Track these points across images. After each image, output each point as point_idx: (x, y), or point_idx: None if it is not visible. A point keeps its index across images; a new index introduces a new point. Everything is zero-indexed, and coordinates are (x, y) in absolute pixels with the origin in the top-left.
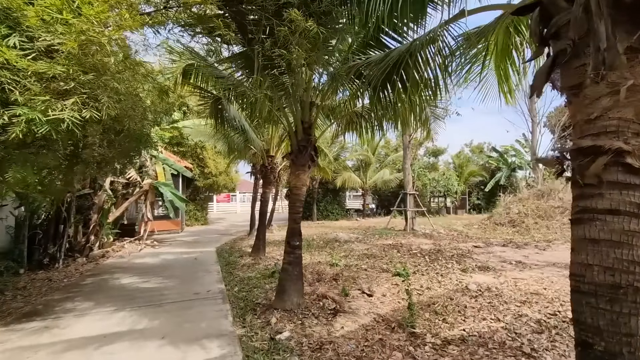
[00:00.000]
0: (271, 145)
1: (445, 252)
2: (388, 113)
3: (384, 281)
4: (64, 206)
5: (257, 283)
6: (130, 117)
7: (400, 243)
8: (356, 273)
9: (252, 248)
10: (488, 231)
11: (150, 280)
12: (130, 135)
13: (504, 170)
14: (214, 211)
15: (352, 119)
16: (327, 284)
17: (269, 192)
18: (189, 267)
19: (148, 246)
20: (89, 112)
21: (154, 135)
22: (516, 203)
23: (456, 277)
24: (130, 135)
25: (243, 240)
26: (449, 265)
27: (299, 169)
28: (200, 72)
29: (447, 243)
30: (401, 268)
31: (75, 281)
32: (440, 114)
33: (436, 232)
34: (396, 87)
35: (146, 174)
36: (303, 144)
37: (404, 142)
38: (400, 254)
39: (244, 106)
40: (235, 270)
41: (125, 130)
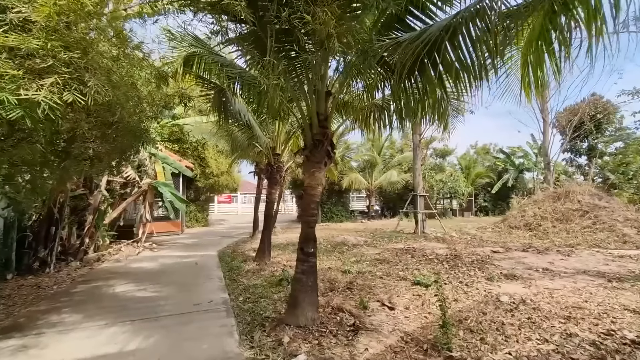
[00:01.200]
0: (277, 143)
1: (464, 258)
2: (411, 105)
3: (403, 291)
4: (57, 207)
5: (264, 292)
6: (124, 107)
7: (412, 247)
8: (371, 281)
9: (257, 252)
10: (503, 235)
11: (147, 288)
12: (125, 128)
13: (511, 171)
14: (215, 212)
15: (369, 112)
16: (341, 293)
17: (275, 192)
18: (189, 273)
19: (146, 249)
20: (71, 96)
21: (153, 131)
22: (531, 205)
23: (483, 287)
24: (124, 128)
25: (246, 243)
26: (471, 272)
27: (314, 166)
28: (203, 61)
29: (463, 247)
30: (420, 276)
31: (65, 288)
32: (460, 108)
33: (448, 235)
34: (425, 74)
35: (145, 173)
36: (318, 138)
37: (414, 141)
38: (415, 259)
39: (250, 97)
40: (239, 276)
41: (119, 122)
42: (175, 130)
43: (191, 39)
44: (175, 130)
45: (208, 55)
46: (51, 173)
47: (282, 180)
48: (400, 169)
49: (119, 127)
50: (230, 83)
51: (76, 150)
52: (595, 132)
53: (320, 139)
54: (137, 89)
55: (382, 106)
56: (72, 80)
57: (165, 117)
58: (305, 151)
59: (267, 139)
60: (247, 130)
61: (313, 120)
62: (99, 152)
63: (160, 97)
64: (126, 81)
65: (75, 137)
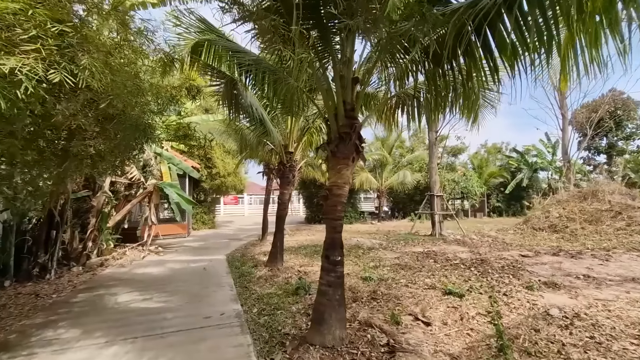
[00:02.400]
0: (290, 141)
1: (492, 263)
2: (448, 92)
3: (435, 302)
4: (58, 209)
5: (280, 303)
6: (124, 98)
7: (432, 251)
8: (397, 290)
9: (268, 257)
10: (527, 237)
11: (152, 297)
12: (127, 123)
13: (525, 171)
14: (222, 214)
15: (397, 103)
16: (365, 304)
17: (287, 193)
18: (197, 280)
19: (152, 253)
20: (58, 75)
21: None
22: (555, 206)
23: (524, 297)
24: (126, 123)
25: (255, 247)
26: (505, 280)
27: (340, 162)
28: (212, 47)
29: (487, 251)
30: (450, 284)
31: (65, 297)
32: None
33: (468, 237)
34: (471, 53)
35: (150, 174)
36: (345, 131)
37: (430, 138)
38: (439, 264)
39: (265, 87)
40: (250, 284)
41: (120, 116)
42: (182, 126)
43: (199, 25)
44: (182, 126)
45: (218, 41)
46: (50, 173)
47: (294, 179)
48: (412, 169)
49: (121, 122)
50: (242, 71)
51: (75, 148)
52: (615, 129)
53: (348, 131)
54: (139, 78)
55: (414, 95)
56: (62, 57)
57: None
58: (331, 145)
59: (279, 136)
60: (259, 126)
61: (339, 110)
62: (99, 149)
63: (166, 89)
64: (127, 69)
65: (74, 133)
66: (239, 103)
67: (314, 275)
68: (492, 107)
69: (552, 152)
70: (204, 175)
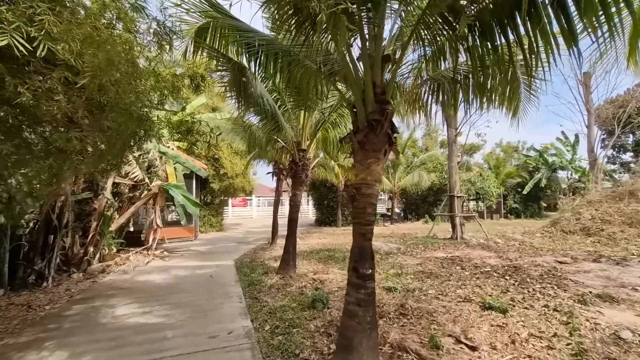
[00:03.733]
0: (302, 137)
1: (527, 270)
2: (496, 74)
3: (475, 319)
4: (55, 212)
5: (296, 318)
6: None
7: (456, 256)
8: (427, 303)
9: (280, 263)
10: (557, 241)
11: (153, 311)
12: (121, 113)
13: (543, 170)
14: (229, 216)
15: (431, 88)
16: (395, 322)
17: (300, 193)
18: (203, 289)
19: (157, 258)
20: (6, 39)
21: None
22: (586, 207)
23: (581, 314)
24: (120, 113)
25: (265, 251)
26: (549, 291)
27: (369, 156)
28: (219, 29)
29: (517, 256)
30: (488, 297)
31: (58, 310)
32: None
33: (492, 241)
34: (538, 17)
35: (155, 175)
36: (376, 118)
37: (449, 136)
38: (468, 272)
39: (277, 72)
40: (261, 294)
41: (113, 105)
42: (185, 120)
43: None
44: (185, 120)
45: (225, 19)
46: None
47: (307, 179)
48: (427, 169)
49: (113, 111)
50: (251, 55)
51: (59, 142)
52: None
53: (378, 118)
54: (131, 56)
55: (454, 78)
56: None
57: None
58: (358, 136)
59: (292, 132)
60: (269, 120)
61: (367, 94)
62: (89, 144)
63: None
64: (117, 41)
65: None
66: (248, 92)
67: (330, 284)
68: (535, 97)
69: (572, 150)
70: (212, 176)
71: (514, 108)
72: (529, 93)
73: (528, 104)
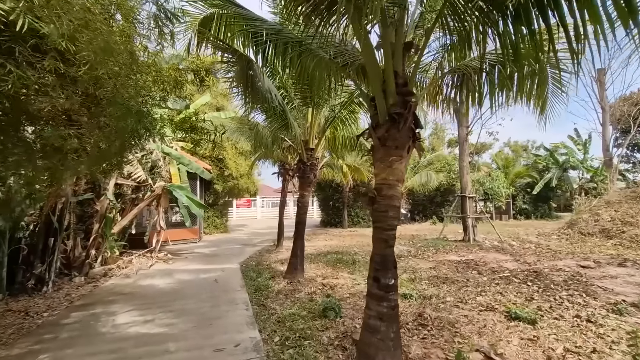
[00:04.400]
0: (310, 136)
1: (549, 275)
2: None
3: (502, 330)
4: (56, 214)
5: (307, 328)
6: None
7: (471, 260)
8: (447, 312)
9: (287, 267)
10: (574, 243)
11: (155, 319)
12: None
13: (553, 170)
14: (234, 217)
15: (457, 78)
16: (414, 333)
17: (308, 194)
18: (207, 295)
19: (160, 260)
20: None
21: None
22: (605, 208)
23: (618, 326)
24: (116, 105)
25: (270, 254)
26: (578, 299)
27: (391, 153)
28: (224, 20)
29: (535, 260)
30: (512, 305)
31: (56, 317)
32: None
33: (507, 244)
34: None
35: (159, 176)
36: (398, 111)
37: (460, 134)
38: (486, 277)
39: (286, 63)
40: (268, 300)
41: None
42: (188, 117)
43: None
44: (188, 117)
45: (230, 6)
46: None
47: (315, 179)
48: (435, 169)
49: (110, 106)
50: (259, 45)
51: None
52: None
53: (401, 111)
54: (130, 44)
55: (481, 68)
56: None
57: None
58: (379, 131)
59: (300, 130)
60: (277, 118)
61: (388, 84)
62: (86, 140)
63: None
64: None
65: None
66: (255, 87)
67: (340, 290)
68: (563, 92)
69: (584, 149)
70: (216, 177)
71: (542, 103)
72: (557, 87)
73: (555, 98)
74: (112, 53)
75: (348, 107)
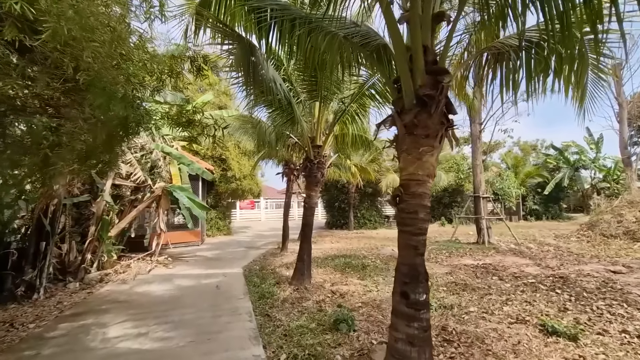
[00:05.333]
0: (317, 132)
1: (578, 282)
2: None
3: (541, 347)
4: (48, 217)
5: (317, 344)
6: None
7: (489, 264)
8: (473, 325)
9: (294, 272)
10: (597, 246)
11: (149, 332)
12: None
13: (565, 170)
14: (237, 219)
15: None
16: (439, 351)
17: (315, 195)
18: (208, 303)
19: (160, 264)
20: None
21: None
22: (628, 208)
23: None
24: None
25: (275, 257)
26: (618, 310)
27: (420, 143)
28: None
29: (559, 264)
30: (546, 317)
31: (43, 329)
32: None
33: (524, 246)
34: None
35: (159, 176)
36: (428, 93)
37: (473, 132)
38: (509, 284)
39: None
40: (274, 309)
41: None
42: (185, 109)
43: None
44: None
45: None
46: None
47: (323, 179)
48: (442, 169)
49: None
50: (262, 23)
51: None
52: None
53: (431, 93)
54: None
55: (520, 46)
56: None
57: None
58: (406, 116)
59: (307, 125)
60: (282, 112)
61: (416, 62)
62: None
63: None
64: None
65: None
66: (258, 75)
67: (351, 298)
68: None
69: (596, 148)
70: (218, 178)
71: (582, 92)
72: (596, 74)
73: (595, 87)
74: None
75: (358, 100)
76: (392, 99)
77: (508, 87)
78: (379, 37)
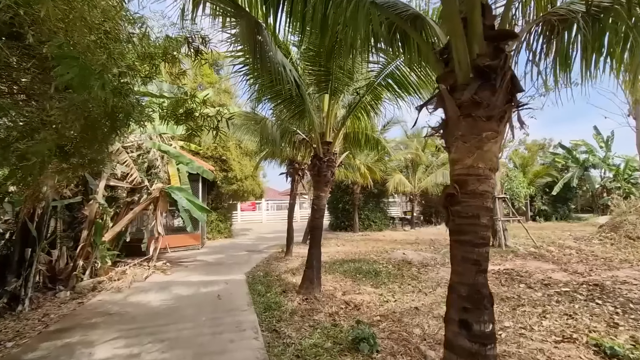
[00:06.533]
0: (327, 128)
1: (617, 290)
2: None
3: None
4: (34, 221)
5: None
6: None
7: (510, 269)
8: (514, 344)
9: (302, 280)
10: (623, 249)
11: (141, 352)
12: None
13: (573, 169)
14: (238, 221)
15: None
16: None
17: (325, 195)
18: (208, 316)
19: (157, 271)
20: None
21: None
22: None
23: None
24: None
25: (280, 262)
26: None
27: (481, 127)
28: None
29: (587, 270)
30: (597, 335)
31: (22, 349)
32: None
33: (544, 249)
34: None
35: (156, 177)
36: (489, 64)
37: None
38: (540, 293)
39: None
40: (282, 324)
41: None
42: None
43: None
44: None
45: None
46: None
47: (333, 178)
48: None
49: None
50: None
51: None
52: None
53: (494, 64)
54: None
55: (588, 11)
56: None
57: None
58: (463, 93)
59: (316, 120)
60: (290, 104)
61: (473, 25)
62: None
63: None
64: None
65: None
66: (265, 57)
67: (367, 309)
68: None
69: (606, 147)
70: (219, 179)
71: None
72: None
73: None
74: None
75: (373, 91)
76: (437, 75)
77: (563, 66)
78: (410, 7)
